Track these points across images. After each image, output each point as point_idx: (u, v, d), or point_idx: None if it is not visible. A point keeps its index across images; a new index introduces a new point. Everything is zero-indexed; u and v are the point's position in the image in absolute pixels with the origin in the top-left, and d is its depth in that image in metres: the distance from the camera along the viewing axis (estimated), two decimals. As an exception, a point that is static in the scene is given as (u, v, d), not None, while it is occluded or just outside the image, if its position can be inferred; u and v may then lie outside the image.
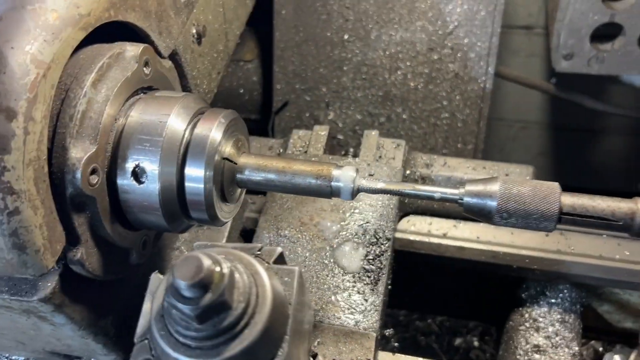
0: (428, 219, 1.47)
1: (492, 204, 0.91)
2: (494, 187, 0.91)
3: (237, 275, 0.70)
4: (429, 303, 1.79)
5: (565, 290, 1.45)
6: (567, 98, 2.35)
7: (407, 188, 0.96)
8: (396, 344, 1.60)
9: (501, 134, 2.76)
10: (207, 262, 0.64)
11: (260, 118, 2.17)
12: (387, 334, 1.60)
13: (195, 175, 0.93)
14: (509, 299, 1.50)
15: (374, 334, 1.11)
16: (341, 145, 1.93)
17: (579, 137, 2.71)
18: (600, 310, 1.55)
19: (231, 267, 0.69)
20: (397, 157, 1.42)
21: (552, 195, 0.89)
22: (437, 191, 0.95)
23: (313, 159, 1.38)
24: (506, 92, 2.52)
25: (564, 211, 0.89)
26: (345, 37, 1.92)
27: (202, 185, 0.93)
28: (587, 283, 1.40)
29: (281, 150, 1.48)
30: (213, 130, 0.95)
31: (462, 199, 0.93)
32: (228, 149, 0.98)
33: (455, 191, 0.94)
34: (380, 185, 0.96)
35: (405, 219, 1.48)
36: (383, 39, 1.90)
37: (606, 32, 1.90)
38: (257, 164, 0.99)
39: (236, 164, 0.99)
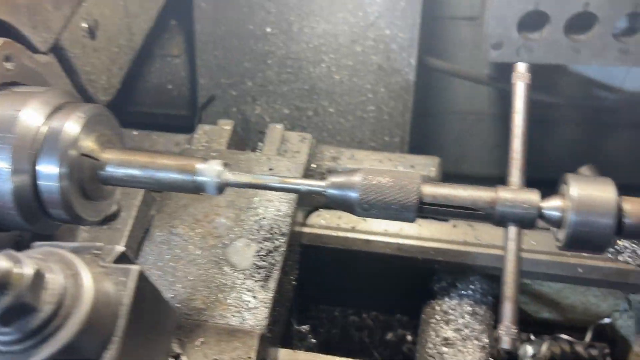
0: (338, 212, 1.45)
1: (354, 195, 0.88)
2: (356, 179, 0.89)
3: (49, 276, 0.66)
4: (354, 298, 1.77)
5: (476, 282, 1.44)
6: (502, 87, 2.34)
7: (274, 181, 0.93)
8: (313, 340, 1.58)
9: (456, 126, 2.75)
10: (3, 263, 0.61)
11: (190, 114, 2.14)
12: (303, 330, 1.58)
13: (49, 172, 0.89)
14: (423, 292, 1.48)
15: (258, 332, 1.08)
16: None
17: (533, 128, 2.70)
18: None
19: (42, 267, 0.65)
20: (302, 150, 1.40)
21: (411, 185, 0.87)
22: (304, 184, 0.92)
23: (213, 153, 1.35)
24: (457, 85, 2.50)
25: (425, 201, 0.87)
26: (268, 30, 1.89)
27: (57, 184, 0.89)
28: (492, 274, 1.39)
29: (187, 146, 1.45)
30: (69, 124, 0.91)
31: (326, 191, 0.91)
32: (88, 144, 0.94)
33: (321, 183, 0.92)
34: (247, 179, 0.93)
35: (315, 214, 1.46)
36: (305, 32, 1.87)
37: (536, 21, 1.89)
38: (119, 159, 0.96)
39: (98, 160, 0.96)
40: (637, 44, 1.86)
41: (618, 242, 1.32)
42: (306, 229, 1.41)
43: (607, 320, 1.44)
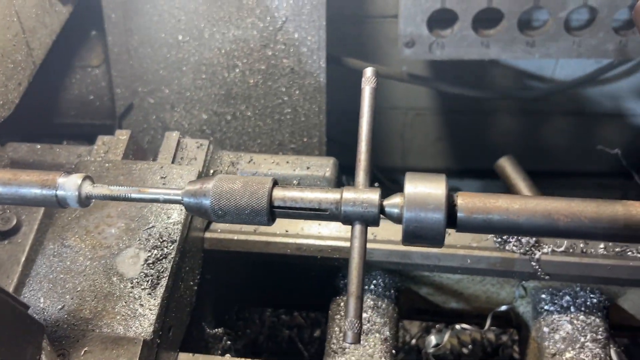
0: (242, 216, 1.48)
1: (207, 202, 0.91)
2: (208, 185, 0.92)
3: None
4: (272, 298, 1.80)
5: (378, 277, 1.48)
6: (422, 84, 2.39)
7: (134, 193, 0.95)
8: (229, 342, 1.60)
9: (398, 121, 2.80)
10: None
11: (114, 123, 2.14)
12: (217, 332, 1.60)
13: None
14: (330, 289, 1.52)
15: (141, 338, 1.10)
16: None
17: (472, 120, 2.77)
18: (422, 294, 1.58)
19: None
20: (198, 157, 1.42)
21: (261, 190, 0.90)
22: (161, 193, 0.95)
23: (107, 164, 1.37)
24: (393, 83, 2.54)
25: (275, 205, 0.90)
26: (180, 37, 1.91)
27: None
28: (390, 269, 1.43)
29: (87, 157, 1.46)
30: None
31: (182, 199, 0.93)
32: (-50, 165, 0.96)
33: (178, 191, 0.94)
34: (107, 191, 0.96)
35: (219, 218, 1.48)
36: (217, 38, 1.89)
37: (446, 18, 1.93)
38: (-17, 177, 0.97)
39: (-38, 179, 0.97)
40: (542, 36, 1.92)
41: (505, 231, 1.37)
42: (208, 234, 1.44)
43: (504, 308, 1.49)
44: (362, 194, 0.89)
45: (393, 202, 0.88)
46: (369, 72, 0.96)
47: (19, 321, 0.88)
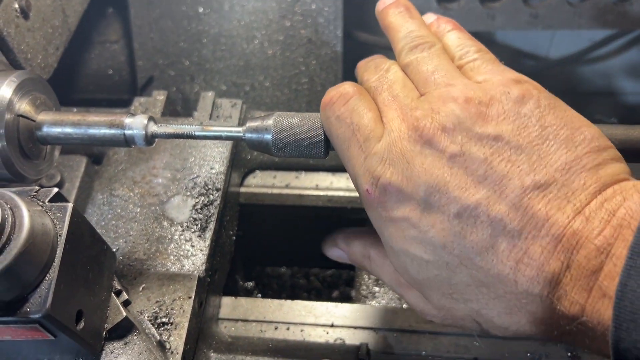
0: (273, 172, 1.56)
1: (268, 136, 0.99)
2: (269, 122, 1.00)
3: (-11, 208, 0.75)
4: (297, 256, 1.88)
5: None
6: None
7: (197, 130, 1.03)
8: (259, 295, 1.68)
9: None
10: (-55, 192, 0.69)
11: (132, 97, 2.20)
12: (248, 286, 1.68)
13: (-14, 134, 0.98)
14: (356, 242, 1.60)
15: (196, 274, 1.18)
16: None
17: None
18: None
19: (-18, 200, 0.74)
20: (233, 115, 1.49)
21: (317, 123, 0.98)
22: (223, 131, 1.03)
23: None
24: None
25: (331, 136, 0.99)
26: (200, 10, 1.98)
27: (-4, 145, 0.98)
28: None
29: (125, 119, 1.53)
30: (2, 88, 0.99)
31: (244, 136, 1.01)
32: (24, 107, 1.02)
33: (240, 129, 1.02)
34: (171, 129, 1.03)
35: (251, 175, 1.56)
36: (236, 10, 1.97)
37: (454, -8, 2.02)
38: (54, 119, 1.04)
39: (34, 121, 1.04)
40: (546, 9, 2.02)
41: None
42: (242, 189, 1.52)
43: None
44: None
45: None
46: None
47: (98, 244, 0.95)
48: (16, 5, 1.37)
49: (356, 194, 1.50)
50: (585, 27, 2.10)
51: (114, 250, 1.24)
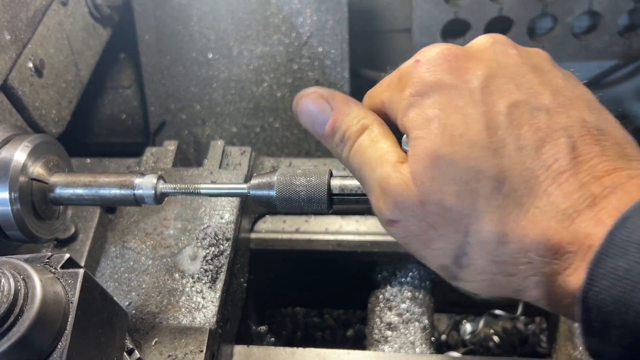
0: (282, 217, 1.57)
1: (272, 193, 1.01)
2: (273, 178, 1.02)
3: (2, 280, 0.77)
4: (309, 297, 1.89)
5: (414, 270, 1.57)
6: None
7: (203, 188, 1.05)
8: (272, 339, 1.68)
9: None
10: (-41, 269, 0.72)
11: (145, 140, 2.25)
12: (261, 330, 1.69)
13: (2, 198, 1.01)
14: (367, 283, 1.61)
15: (207, 327, 1.19)
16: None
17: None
18: (455, 286, 1.66)
19: (-5, 273, 0.77)
20: (243, 163, 1.52)
21: (320, 180, 1.00)
22: (229, 188, 1.05)
23: (159, 172, 1.46)
24: None
25: (333, 192, 1.00)
26: (210, 55, 2.02)
27: (8, 207, 1.01)
28: (426, 260, 1.52)
29: (137, 168, 1.56)
30: (17, 153, 1.03)
31: (249, 193, 1.03)
32: (37, 170, 1.06)
33: (244, 186, 1.04)
34: (180, 188, 1.06)
35: (261, 220, 1.58)
36: (245, 55, 2.01)
37: (459, 28, 2.05)
38: (66, 181, 1.07)
39: (47, 183, 1.07)
40: (551, 42, 2.04)
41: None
42: (253, 235, 1.53)
43: (534, 293, 1.58)
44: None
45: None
46: None
47: (109, 306, 0.97)
48: (30, 65, 1.42)
49: (365, 238, 1.52)
50: (592, 59, 2.11)
51: (127, 304, 1.26)
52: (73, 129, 2.30)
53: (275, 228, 1.55)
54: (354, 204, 1.02)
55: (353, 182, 1.01)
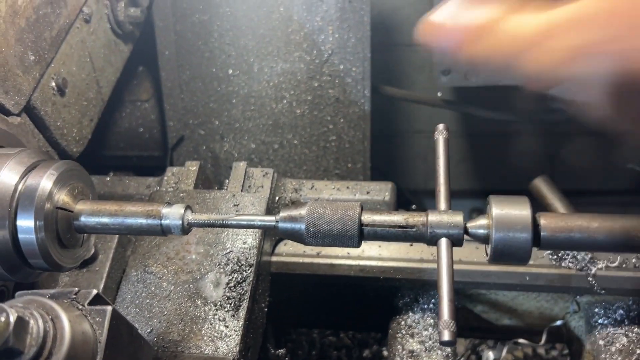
0: (304, 240, 1.55)
1: (301, 226, 0.99)
2: (303, 211, 1.00)
3: (31, 322, 0.76)
4: (327, 320, 1.87)
5: (436, 296, 1.54)
6: (456, 110, 2.48)
7: (231, 219, 1.03)
8: (289, 362, 1.66)
9: (422, 145, 2.87)
10: (-12, 313, 0.70)
11: (162, 154, 2.24)
12: (279, 353, 1.66)
13: (26, 226, 0.99)
14: (388, 309, 1.58)
15: (230, 357, 1.17)
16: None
17: (495, 142, 2.84)
18: (477, 311, 1.64)
19: (24, 314, 0.75)
20: (265, 185, 1.50)
21: (351, 213, 0.98)
22: (257, 220, 1.03)
23: (181, 194, 1.45)
24: (418, 107, 2.63)
25: (365, 227, 0.98)
26: (230, 72, 2.01)
27: (32, 236, 0.99)
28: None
29: (157, 188, 1.54)
30: (42, 181, 1.01)
31: (277, 225, 1.01)
32: (62, 198, 1.04)
33: (272, 218, 1.02)
34: (207, 218, 1.04)
35: (282, 242, 1.56)
36: (265, 71, 1.99)
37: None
38: (92, 209, 1.05)
39: (72, 211, 1.05)
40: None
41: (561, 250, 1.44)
42: (274, 258, 1.51)
43: (559, 323, 1.55)
44: (446, 216, 0.97)
45: (479, 224, 0.95)
46: (441, 126, 1.06)
47: (136, 341, 0.95)
48: (53, 84, 1.41)
49: (388, 264, 1.49)
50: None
51: (149, 330, 1.24)
52: (91, 142, 2.30)
53: (296, 251, 1.53)
54: (386, 239, 0.99)
55: (385, 217, 0.99)
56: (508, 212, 0.93)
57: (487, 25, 0.86)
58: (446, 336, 0.87)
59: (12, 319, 0.72)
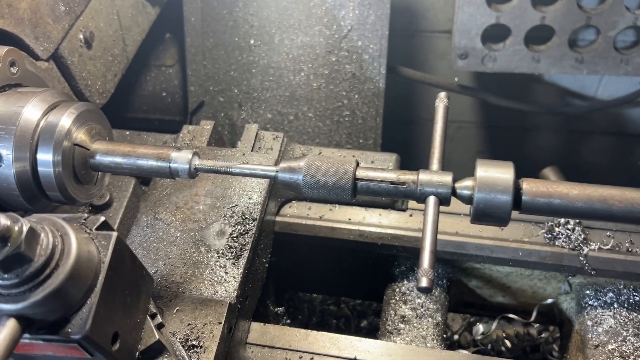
0: (308, 204, 1.62)
1: (299, 177, 1.05)
2: (301, 163, 1.06)
3: (42, 234, 0.83)
4: (327, 285, 1.93)
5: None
6: (471, 95, 2.50)
7: (235, 167, 1.10)
8: (288, 321, 1.73)
9: None
10: (5, 220, 0.78)
11: (183, 119, 2.31)
12: (278, 311, 1.73)
13: (45, 159, 1.07)
14: (385, 276, 1.64)
15: (227, 301, 1.24)
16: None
17: (513, 135, 2.87)
18: (471, 286, 1.69)
19: (36, 227, 0.82)
20: (274, 147, 1.56)
21: (347, 168, 1.04)
22: (259, 169, 1.09)
23: (194, 150, 1.52)
24: (436, 96, 2.66)
25: (359, 181, 1.04)
26: (252, 42, 2.07)
27: (50, 169, 1.07)
28: (446, 258, 1.55)
29: (173, 144, 1.62)
30: (63, 118, 1.09)
31: (277, 174, 1.07)
32: (80, 136, 1.12)
33: (273, 168, 1.08)
34: (213, 164, 1.10)
35: (287, 205, 1.62)
36: (285, 43, 2.05)
37: (499, 33, 2.06)
38: (107, 149, 1.13)
39: (88, 149, 1.13)
40: (592, 54, 2.03)
41: (555, 228, 1.48)
42: (278, 218, 1.58)
43: (549, 301, 1.59)
44: (436, 175, 1.02)
45: (465, 185, 1.01)
46: (442, 94, 1.11)
47: (138, 270, 1.03)
48: (81, 36, 1.49)
49: (386, 231, 1.55)
50: (632, 74, 2.09)
51: (153, 271, 1.32)
52: (115, 103, 2.39)
53: (300, 213, 1.60)
54: (378, 194, 1.05)
55: (379, 173, 1.04)
56: (491, 175, 0.98)
57: None
58: (424, 282, 0.92)
59: (25, 228, 0.80)
